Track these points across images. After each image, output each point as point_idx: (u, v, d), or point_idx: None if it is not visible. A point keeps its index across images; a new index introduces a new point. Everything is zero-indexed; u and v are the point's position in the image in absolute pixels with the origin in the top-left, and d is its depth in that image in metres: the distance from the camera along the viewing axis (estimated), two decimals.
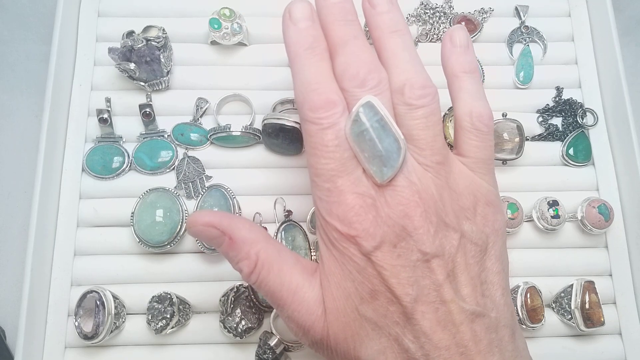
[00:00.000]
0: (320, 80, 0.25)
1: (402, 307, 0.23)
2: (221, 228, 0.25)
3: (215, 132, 0.36)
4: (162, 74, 0.37)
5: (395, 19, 0.27)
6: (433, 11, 0.41)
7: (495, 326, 0.24)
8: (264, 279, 0.25)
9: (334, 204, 0.24)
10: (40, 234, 0.34)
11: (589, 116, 0.40)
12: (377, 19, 0.27)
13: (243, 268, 0.25)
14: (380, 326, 0.24)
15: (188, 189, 0.36)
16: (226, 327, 0.33)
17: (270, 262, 0.25)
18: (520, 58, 0.40)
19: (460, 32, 0.29)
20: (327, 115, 0.24)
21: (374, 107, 0.24)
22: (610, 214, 0.36)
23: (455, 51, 0.28)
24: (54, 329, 0.34)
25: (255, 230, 0.26)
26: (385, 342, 0.24)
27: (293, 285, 0.25)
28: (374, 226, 0.23)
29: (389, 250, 0.23)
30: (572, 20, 0.42)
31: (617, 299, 0.36)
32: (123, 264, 0.35)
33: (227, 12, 0.38)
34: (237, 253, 0.25)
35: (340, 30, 0.26)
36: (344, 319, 0.24)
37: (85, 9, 0.40)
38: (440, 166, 0.25)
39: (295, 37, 0.26)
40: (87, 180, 0.37)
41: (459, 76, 0.28)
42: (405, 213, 0.24)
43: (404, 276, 0.23)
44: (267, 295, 0.25)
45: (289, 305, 0.25)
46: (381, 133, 0.24)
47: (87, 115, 0.38)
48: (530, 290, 0.35)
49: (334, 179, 0.24)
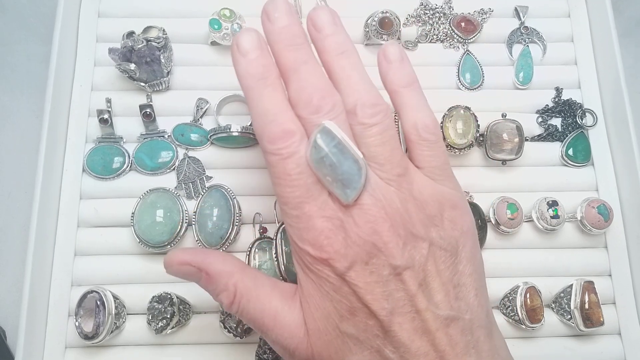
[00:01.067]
0: (276, 111, 0.25)
1: (380, 321, 0.24)
2: (196, 265, 0.26)
3: (216, 132, 0.36)
4: (162, 74, 0.37)
5: (340, 41, 0.27)
6: (433, 12, 0.41)
7: (470, 328, 0.25)
8: (245, 308, 0.26)
9: (303, 229, 0.25)
10: (40, 234, 0.34)
11: (588, 117, 0.40)
12: (324, 43, 0.27)
13: (223, 300, 0.26)
14: (361, 340, 0.24)
15: (188, 189, 0.36)
16: (226, 327, 0.33)
17: (249, 291, 0.26)
18: (520, 59, 0.40)
19: (392, 48, 0.29)
20: (285, 145, 0.24)
21: (331, 132, 0.24)
22: (609, 214, 0.36)
23: (391, 67, 0.28)
24: (55, 329, 0.34)
25: (229, 261, 0.27)
26: (368, 355, 0.24)
27: (272, 310, 0.26)
28: (344, 247, 0.24)
29: (361, 268, 0.24)
30: (572, 21, 0.42)
31: (616, 299, 0.37)
32: (123, 264, 0.35)
33: (227, 13, 0.38)
34: (215, 286, 0.26)
35: (290, 56, 0.26)
36: (326, 337, 0.25)
37: (86, 9, 0.40)
38: (402, 178, 0.26)
39: (246, 69, 0.26)
40: (88, 180, 0.37)
41: (398, 91, 0.28)
42: (374, 230, 0.24)
43: (378, 291, 0.24)
44: (250, 322, 0.26)
45: (271, 330, 0.26)
46: (340, 157, 0.24)
47: (87, 116, 0.38)
48: (529, 290, 0.35)
49: (301, 205, 0.24)
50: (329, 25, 0.27)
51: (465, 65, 0.40)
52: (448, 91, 0.40)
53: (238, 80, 0.26)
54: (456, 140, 0.36)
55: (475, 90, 0.40)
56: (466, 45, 0.41)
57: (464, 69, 0.40)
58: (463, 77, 0.40)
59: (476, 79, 0.40)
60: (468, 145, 0.37)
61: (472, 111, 0.37)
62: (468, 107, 0.37)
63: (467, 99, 0.39)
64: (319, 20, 0.27)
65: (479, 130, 0.37)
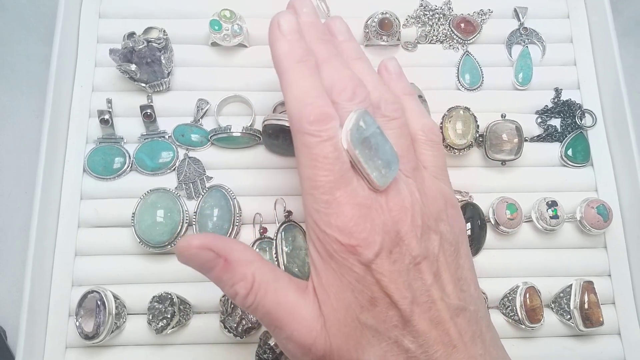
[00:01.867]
0: (316, 94, 0.25)
1: (401, 311, 0.24)
2: (216, 250, 0.24)
3: (216, 133, 0.36)
4: (162, 75, 0.37)
5: (356, 47, 0.30)
6: (432, 13, 0.41)
7: (475, 318, 0.26)
8: (261, 301, 0.25)
9: (332, 215, 0.24)
10: (41, 234, 0.34)
11: (587, 117, 0.40)
12: (341, 47, 0.29)
13: (239, 290, 0.25)
14: (380, 332, 0.24)
15: (189, 189, 0.36)
16: (226, 327, 0.33)
17: (267, 282, 0.25)
18: (519, 59, 0.40)
19: (392, 62, 0.31)
20: (326, 128, 0.24)
21: (371, 116, 0.25)
22: (609, 215, 0.36)
23: (392, 77, 0.31)
24: (55, 329, 0.34)
25: (248, 251, 0.26)
26: (386, 346, 0.24)
27: (289, 304, 0.25)
28: (372, 234, 0.24)
29: (386, 257, 0.24)
30: (571, 22, 0.42)
31: (616, 299, 0.37)
32: (124, 264, 0.35)
33: (228, 14, 0.38)
34: (232, 275, 0.25)
35: (323, 48, 0.27)
36: (345, 329, 0.24)
37: (86, 10, 0.40)
38: (416, 172, 0.27)
39: (287, 49, 0.26)
40: (88, 180, 0.37)
41: (401, 97, 0.30)
42: (398, 218, 0.25)
43: (400, 281, 0.24)
44: (264, 317, 0.25)
45: (287, 325, 0.25)
46: (382, 139, 0.25)
47: (88, 116, 0.38)
48: (529, 290, 0.35)
49: (333, 190, 0.24)
50: (346, 32, 0.30)
51: (464, 66, 0.40)
52: (447, 92, 0.40)
53: (274, 60, 0.26)
54: (456, 141, 0.36)
55: (475, 90, 0.40)
56: (466, 46, 0.41)
57: (463, 69, 0.40)
58: (462, 78, 0.40)
59: (476, 80, 0.40)
60: (468, 146, 0.37)
61: (471, 112, 0.37)
62: (467, 108, 0.37)
63: (466, 99, 0.39)
64: (335, 27, 0.30)
65: (479, 131, 0.37)
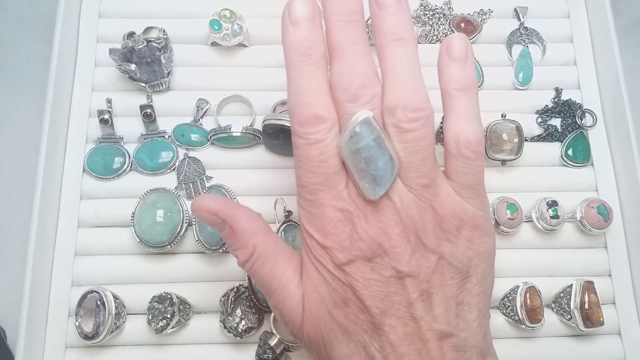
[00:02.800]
0: (311, 93, 0.24)
1: (371, 317, 0.24)
2: (223, 217, 0.26)
3: (216, 132, 0.36)
4: (162, 75, 0.37)
5: (401, 25, 0.25)
6: (432, 12, 0.41)
7: (464, 346, 0.25)
8: (257, 270, 0.26)
9: (313, 215, 0.25)
10: (41, 234, 0.34)
11: (587, 117, 0.40)
12: (382, 23, 0.25)
13: (239, 256, 0.27)
14: (349, 332, 0.25)
15: (189, 189, 0.36)
16: (226, 327, 0.33)
17: (266, 255, 0.26)
18: (520, 59, 0.40)
19: (459, 42, 0.26)
20: (314, 131, 0.24)
21: (371, 124, 0.23)
22: (609, 215, 0.36)
23: (451, 64, 0.26)
24: (55, 329, 0.34)
25: (256, 222, 0.27)
26: (354, 347, 0.25)
27: (284, 279, 0.26)
28: (349, 240, 0.24)
29: (362, 264, 0.24)
30: (571, 22, 0.42)
31: (616, 299, 0.37)
32: (124, 264, 0.35)
33: (228, 14, 0.38)
34: (235, 242, 0.26)
35: (341, 34, 0.24)
36: (317, 320, 0.25)
37: (86, 10, 0.40)
38: (425, 189, 0.25)
39: (292, 41, 0.24)
40: (88, 180, 0.37)
41: (452, 94, 0.26)
42: (384, 231, 0.24)
43: (375, 289, 0.24)
44: (258, 283, 0.27)
45: (276, 296, 0.26)
46: (377, 152, 0.23)
47: (87, 116, 0.38)
48: (529, 290, 0.35)
49: (316, 192, 0.24)
50: (393, 4, 0.25)
51: None
52: None
53: (284, 50, 0.25)
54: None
55: None
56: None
57: None
58: None
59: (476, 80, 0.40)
60: None
61: None
62: None
63: None
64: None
65: None
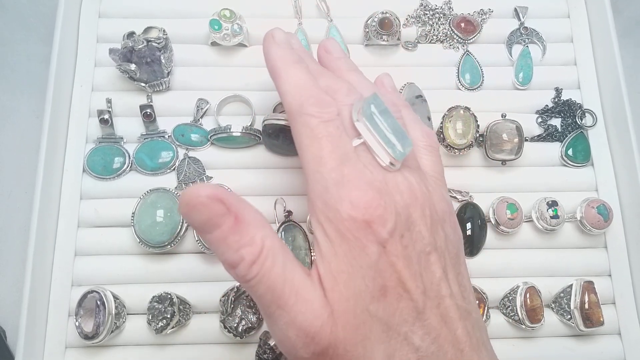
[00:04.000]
0: (313, 84, 0.27)
1: (413, 302, 0.23)
2: (227, 204, 0.22)
3: (216, 132, 0.36)
4: (162, 74, 0.37)
5: (349, 62, 0.31)
6: (432, 12, 0.41)
7: (479, 325, 0.25)
8: (266, 272, 0.22)
9: (344, 190, 0.23)
10: (41, 234, 0.34)
11: (588, 117, 0.40)
12: (336, 63, 0.31)
13: (246, 256, 0.22)
14: (390, 326, 0.22)
15: None
16: (226, 327, 0.33)
17: (276, 251, 0.22)
18: (520, 59, 0.40)
19: (387, 78, 0.33)
20: (327, 110, 0.25)
21: (380, 98, 0.25)
22: (609, 215, 0.36)
23: (387, 92, 0.32)
24: (55, 329, 0.34)
25: (260, 215, 0.23)
26: (395, 344, 0.23)
27: (296, 282, 0.22)
28: (386, 212, 0.23)
29: (399, 240, 0.23)
30: (571, 22, 0.42)
31: (616, 299, 0.37)
32: (123, 264, 0.35)
33: (228, 13, 0.38)
34: (241, 237, 0.22)
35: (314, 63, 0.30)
36: (355, 321, 0.22)
37: (86, 9, 0.40)
38: (419, 171, 0.27)
39: (282, 53, 0.28)
40: (88, 180, 0.37)
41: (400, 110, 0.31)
42: (410, 202, 0.24)
43: (413, 269, 0.23)
44: (266, 293, 0.22)
45: (291, 306, 0.22)
46: (392, 117, 0.25)
47: (87, 116, 0.38)
48: (529, 290, 0.35)
49: (340, 167, 0.23)
50: (339, 51, 0.32)
51: (465, 65, 0.40)
52: (448, 91, 0.40)
53: (268, 63, 0.29)
54: (456, 141, 0.36)
55: (475, 90, 0.40)
56: (466, 45, 0.41)
57: (463, 69, 0.40)
58: (463, 78, 0.40)
59: (476, 80, 0.40)
60: (468, 146, 0.37)
61: (471, 111, 0.37)
62: (468, 108, 0.37)
63: (466, 99, 0.39)
64: (330, 47, 0.32)
65: (479, 131, 0.37)
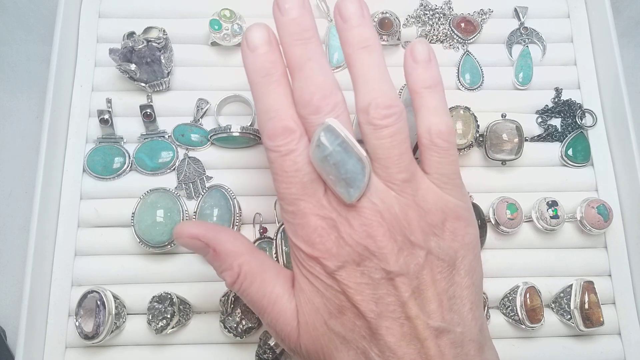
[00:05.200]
0: (277, 108, 0.25)
1: (367, 322, 0.24)
2: (205, 240, 0.26)
3: (216, 132, 0.36)
4: (162, 74, 0.37)
5: (366, 35, 0.26)
6: (432, 12, 0.41)
7: (460, 341, 0.25)
8: (246, 289, 0.26)
9: (298, 226, 0.25)
10: (41, 234, 0.34)
11: (588, 117, 0.40)
12: (348, 34, 0.26)
13: (226, 278, 0.27)
14: (348, 340, 0.25)
15: (188, 189, 0.36)
16: (226, 327, 0.33)
17: (253, 274, 0.26)
18: (520, 59, 0.40)
19: (421, 46, 0.28)
20: (284, 142, 0.25)
21: (335, 130, 0.24)
22: (609, 215, 0.36)
23: (416, 67, 0.27)
24: (55, 329, 0.34)
25: (239, 242, 0.27)
26: (354, 355, 0.25)
27: (274, 295, 0.26)
28: (336, 247, 0.24)
29: (352, 269, 0.24)
30: (571, 22, 0.42)
31: (616, 299, 0.37)
32: (123, 264, 0.35)
33: (228, 13, 0.38)
34: (221, 264, 0.26)
35: (297, 52, 0.25)
36: (314, 332, 0.25)
37: (86, 10, 0.40)
38: (406, 184, 0.25)
39: (253, 65, 0.26)
40: (88, 180, 0.37)
41: (419, 92, 0.27)
42: (368, 233, 0.24)
43: (367, 293, 0.24)
44: (249, 303, 0.27)
45: (268, 314, 0.26)
46: (344, 156, 0.24)
47: (87, 116, 0.38)
48: (529, 290, 0.35)
49: (297, 202, 0.25)
50: (357, 17, 0.26)
51: (465, 65, 0.40)
52: (448, 92, 0.38)
53: (246, 75, 0.26)
54: (456, 141, 0.36)
55: (475, 90, 0.40)
56: (466, 45, 0.41)
57: (463, 69, 0.40)
58: (463, 78, 0.40)
59: (476, 80, 0.40)
60: (468, 146, 0.37)
61: (471, 111, 0.37)
62: (468, 108, 0.37)
63: (466, 99, 0.39)
64: (346, 11, 0.26)
65: (479, 131, 0.37)
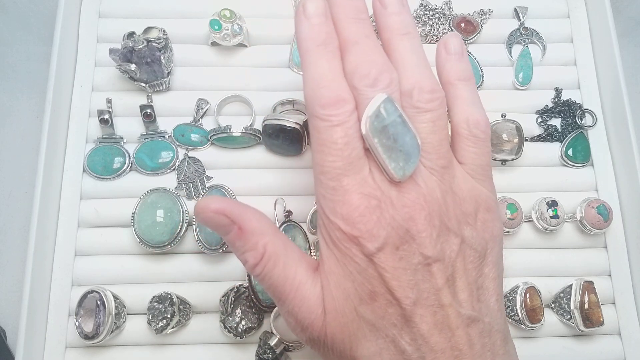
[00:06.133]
0: (331, 77, 0.25)
1: (402, 309, 0.23)
2: (232, 217, 0.24)
3: (216, 132, 0.36)
4: (162, 74, 0.37)
5: (405, 22, 0.27)
6: (432, 12, 0.41)
7: (488, 331, 0.24)
8: (269, 272, 0.25)
9: (338, 202, 0.24)
10: (41, 234, 0.34)
11: (587, 117, 0.40)
12: (388, 20, 0.27)
13: (249, 259, 0.25)
14: (377, 327, 0.24)
15: (189, 189, 0.36)
16: (226, 327, 0.33)
17: (277, 255, 0.25)
18: (520, 59, 0.40)
19: (454, 40, 0.28)
20: (337, 112, 0.24)
21: (394, 103, 0.24)
22: (609, 215, 0.36)
23: (450, 59, 0.28)
24: (55, 329, 0.34)
25: (264, 221, 0.26)
26: (382, 343, 0.24)
27: (297, 281, 0.25)
28: (377, 227, 0.23)
29: (391, 252, 0.23)
30: (571, 22, 0.42)
31: (616, 299, 0.37)
32: (123, 264, 0.35)
33: (228, 14, 0.38)
34: (245, 243, 0.25)
35: (352, 28, 0.26)
36: (342, 319, 0.24)
37: (86, 10, 0.40)
38: (445, 170, 0.25)
39: (308, 32, 0.25)
40: (88, 180, 0.37)
41: (454, 84, 0.28)
42: (410, 216, 0.24)
43: (405, 279, 0.23)
44: (270, 288, 0.25)
45: (290, 300, 0.25)
46: (403, 129, 0.24)
47: (87, 116, 0.38)
48: (529, 290, 0.35)
49: (340, 177, 0.24)
50: (396, 4, 0.27)
51: None
52: None
53: (297, 43, 0.26)
54: None
55: None
56: (466, 45, 0.41)
57: None
58: None
59: (476, 80, 0.39)
60: None
61: None
62: None
63: None
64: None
65: None
